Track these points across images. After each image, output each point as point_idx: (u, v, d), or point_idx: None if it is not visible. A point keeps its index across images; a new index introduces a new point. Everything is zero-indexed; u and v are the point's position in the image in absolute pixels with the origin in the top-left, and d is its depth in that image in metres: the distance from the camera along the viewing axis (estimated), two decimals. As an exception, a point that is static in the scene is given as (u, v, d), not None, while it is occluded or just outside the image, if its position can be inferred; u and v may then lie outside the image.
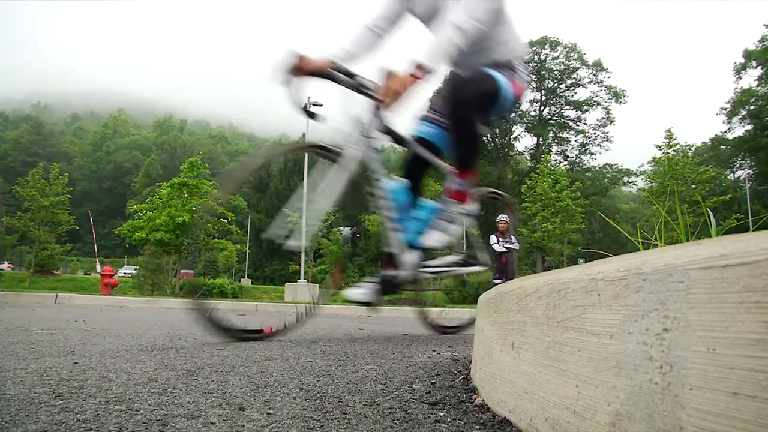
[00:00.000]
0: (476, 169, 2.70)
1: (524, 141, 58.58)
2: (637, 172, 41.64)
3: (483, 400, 1.14)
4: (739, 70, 44.21)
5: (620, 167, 47.82)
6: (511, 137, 52.25)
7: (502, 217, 9.65)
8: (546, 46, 50.55)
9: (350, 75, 2.56)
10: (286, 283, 17.26)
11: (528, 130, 51.74)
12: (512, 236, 9.58)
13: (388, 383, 1.41)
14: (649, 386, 0.54)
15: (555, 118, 51.44)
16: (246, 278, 46.54)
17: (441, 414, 1.06)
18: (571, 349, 0.71)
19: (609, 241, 46.94)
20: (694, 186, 22.06)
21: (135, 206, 18.89)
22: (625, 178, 47.31)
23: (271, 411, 1.04)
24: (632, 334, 0.58)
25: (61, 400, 1.08)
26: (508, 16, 2.60)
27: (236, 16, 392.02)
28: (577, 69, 49.92)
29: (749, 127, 44.49)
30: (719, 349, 0.47)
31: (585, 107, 49.70)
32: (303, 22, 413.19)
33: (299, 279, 17.40)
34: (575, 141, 50.66)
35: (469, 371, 1.55)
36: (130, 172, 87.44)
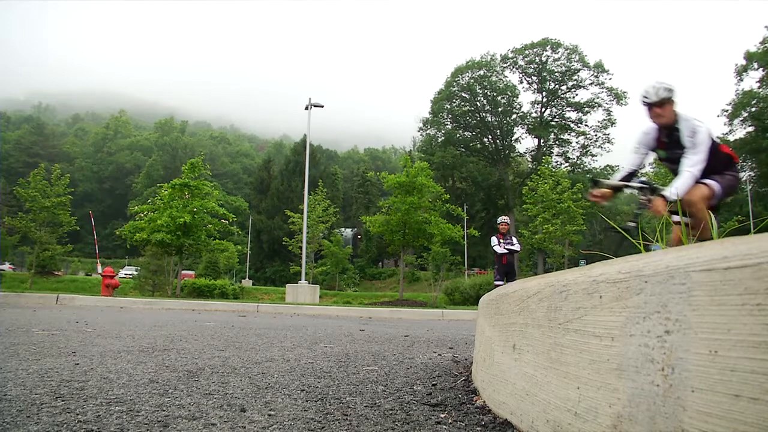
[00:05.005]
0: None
1: (525, 142, 58.52)
2: (639, 174, 41.58)
3: (484, 402, 1.14)
4: (741, 71, 44.15)
5: (622, 169, 47.69)
6: (512, 139, 52.29)
7: (502, 218, 9.65)
8: (547, 48, 50.57)
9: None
10: (287, 285, 17.24)
11: (529, 131, 51.75)
12: (513, 237, 9.57)
13: (389, 385, 1.41)
14: (651, 388, 0.54)
15: (556, 119, 51.44)
16: (247, 279, 46.57)
17: (442, 415, 1.06)
18: (572, 351, 0.71)
19: (610, 242, 46.81)
20: (695, 188, 21.98)
21: (136, 207, 18.91)
22: (627, 180, 47.17)
23: (273, 412, 1.04)
24: (634, 336, 0.58)
25: (63, 401, 1.08)
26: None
27: (238, 16, 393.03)
28: (579, 71, 49.92)
29: (750, 129, 44.42)
30: (721, 352, 0.47)
31: (586, 109, 49.66)
32: (303, 22, 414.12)
33: (300, 280, 17.39)
34: (576, 143, 50.65)
35: (470, 373, 1.55)
36: (132, 173, 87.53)
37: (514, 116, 51.90)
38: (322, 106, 20.01)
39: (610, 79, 49.52)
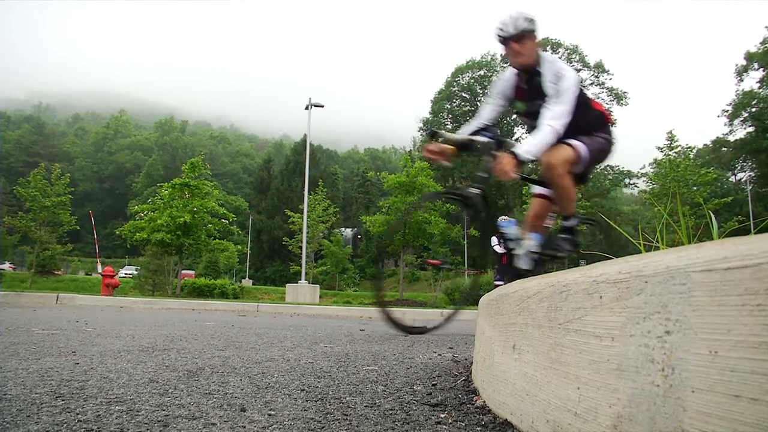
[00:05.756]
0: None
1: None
2: (639, 174, 41.69)
3: (484, 402, 1.14)
4: (741, 72, 44.20)
5: (622, 169, 47.83)
6: (512, 139, 52.36)
7: (503, 218, 9.65)
8: (548, 48, 50.60)
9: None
10: (287, 284, 17.26)
11: (529, 131, 51.78)
12: (513, 238, 9.58)
13: (389, 384, 1.41)
14: (651, 388, 0.54)
15: (556, 119, 51.39)
16: (247, 279, 46.60)
17: (442, 415, 1.06)
18: (572, 352, 0.71)
19: (610, 243, 46.76)
20: (695, 188, 22.04)
21: (136, 207, 18.93)
22: (627, 180, 47.33)
23: (273, 412, 1.04)
24: (634, 336, 0.58)
25: (63, 400, 1.08)
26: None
27: (238, 16, 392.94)
28: (579, 71, 49.96)
29: (751, 129, 44.46)
30: (721, 352, 0.47)
31: (586, 109, 49.63)
32: (304, 23, 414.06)
33: (300, 280, 17.40)
34: (576, 143, 50.59)
35: (470, 373, 1.55)
36: (132, 172, 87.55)
37: (515, 116, 51.89)
38: (322, 106, 20.01)
39: (610, 79, 49.57)
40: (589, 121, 2.91)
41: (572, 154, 2.76)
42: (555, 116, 2.65)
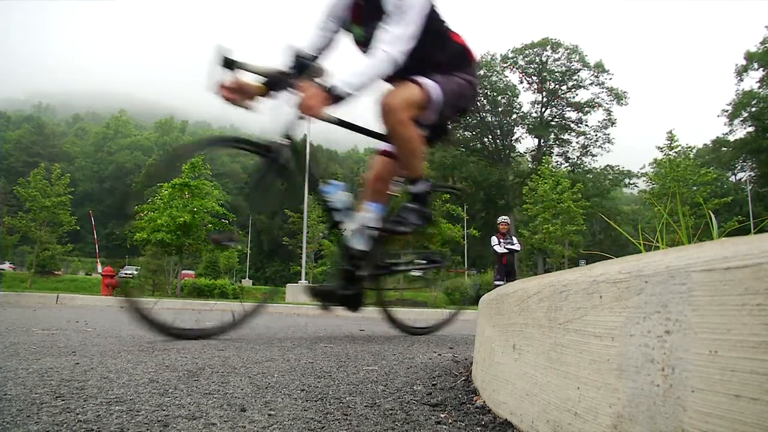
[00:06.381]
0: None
1: (525, 142, 58.62)
2: (639, 174, 41.74)
3: (484, 402, 1.14)
4: (741, 72, 44.25)
5: (621, 169, 47.88)
6: (513, 138, 52.31)
7: (502, 218, 9.66)
8: (547, 48, 50.58)
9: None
10: (287, 284, 17.28)
11: (529, 131, 51.78)
12: (513, 237, 9.59)
13: (389, 384, 1.41)
14: (651, 388, 0.54)
15: (556, 119, 51.48)
16: (247, 279, 46.63)
17: (442, 415, 1.06)
18: (572, 351, 0.71)
19: (610, 242, 46.86)
20: (695, 188, 22.07)
21: (136, 207, 18.97)
22: (627, 180, 47.38)
23: (273, 412, 1.04)
24: (634, 336, 0.58)
25: (63, 400, 1.08)
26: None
27: (238, 16, 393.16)
28: (579, 70, 49.96)
29: (751, 129, 44.50)
30: (721, 352, 0.47)
31: (586, 109, 49.72)
32: (303, 22, 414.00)
33: (300, 280, 17.41)
34: (576, 143, 50.72)
35: (471, 373, 1.55)
36: (132, 172, 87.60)
37: (515, 116, 51.95)
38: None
39: (610, 79, 49.58)
40: (448, 56, 2.28)
41: (419, 94, 2.12)
42: (392, 39, 2.01)
